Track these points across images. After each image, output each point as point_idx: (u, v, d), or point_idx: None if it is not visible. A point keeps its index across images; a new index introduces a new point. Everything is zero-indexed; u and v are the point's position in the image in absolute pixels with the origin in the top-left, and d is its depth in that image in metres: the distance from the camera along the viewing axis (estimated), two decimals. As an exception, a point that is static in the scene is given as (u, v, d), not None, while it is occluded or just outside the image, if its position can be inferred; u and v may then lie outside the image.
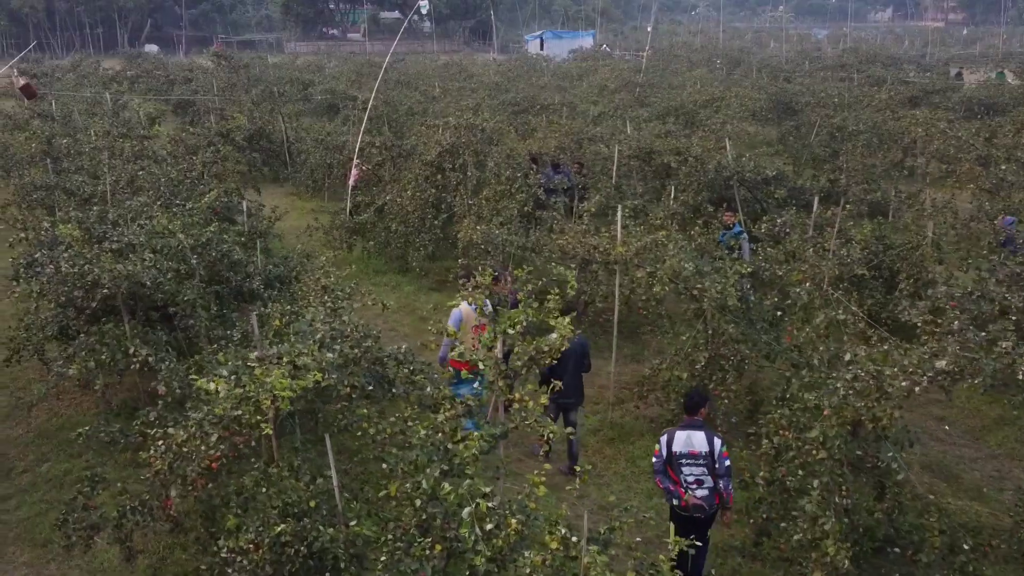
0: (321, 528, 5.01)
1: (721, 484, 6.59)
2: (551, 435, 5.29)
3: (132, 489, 6.76)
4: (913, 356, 5.94)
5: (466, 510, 4.74)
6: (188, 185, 10.94)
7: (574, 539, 4.41)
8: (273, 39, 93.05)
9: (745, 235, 12.26)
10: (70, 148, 16.03)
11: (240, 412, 5.10)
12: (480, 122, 14.28)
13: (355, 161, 18.57)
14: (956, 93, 27.29)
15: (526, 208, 12.51)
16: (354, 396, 6.17)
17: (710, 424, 7.35)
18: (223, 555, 5.38)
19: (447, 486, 4.94)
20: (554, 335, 5.17)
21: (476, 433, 5.02)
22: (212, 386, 5.38)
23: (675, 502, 6.56)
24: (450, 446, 5.20)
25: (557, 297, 5.52)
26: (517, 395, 5.20)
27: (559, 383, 5.82)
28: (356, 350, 5.98)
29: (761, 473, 6.81)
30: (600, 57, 50.45)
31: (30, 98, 19.56)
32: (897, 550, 6.41)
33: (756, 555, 7.30)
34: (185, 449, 5.66)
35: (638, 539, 5.25)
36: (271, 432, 5.52)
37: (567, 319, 5.30)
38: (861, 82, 31.55)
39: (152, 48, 79.47)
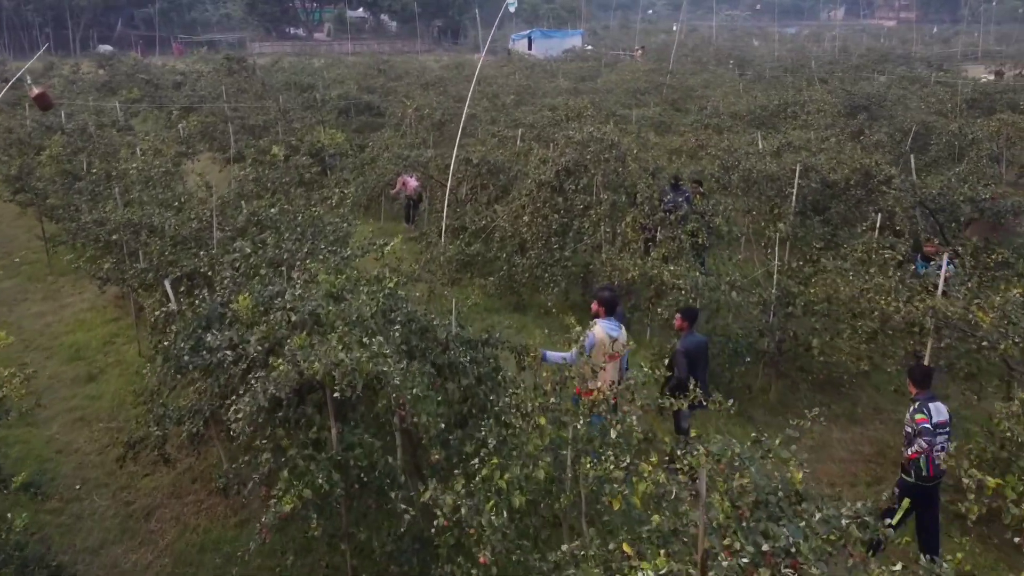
0: None
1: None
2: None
3: None
4: None
5: None
6: (335, 224, 8.77)
7: None
8: (235, 39, 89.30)
9: (952, 268, 10.59)
10: (105, 169, 13.72)
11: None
12: (610, 135, 12.36)
13: (402, 177, 16.60)
14: (1017, 95, 26.13)
15: (699, 240, 10.63)
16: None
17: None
18: None
19: None
20: None
21: None
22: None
23: (924, 472, 6.63)
24: None
25: None
26: None
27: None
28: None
29: None
30: (597, 57, 48.79)
31: (45, 109, 16.97)
32: None
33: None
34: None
35: None
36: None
37: None
38: (894, 83, 30.30)
39: (106, 49, 75.21)
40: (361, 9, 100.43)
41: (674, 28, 47.74)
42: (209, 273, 8.83)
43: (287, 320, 6.57)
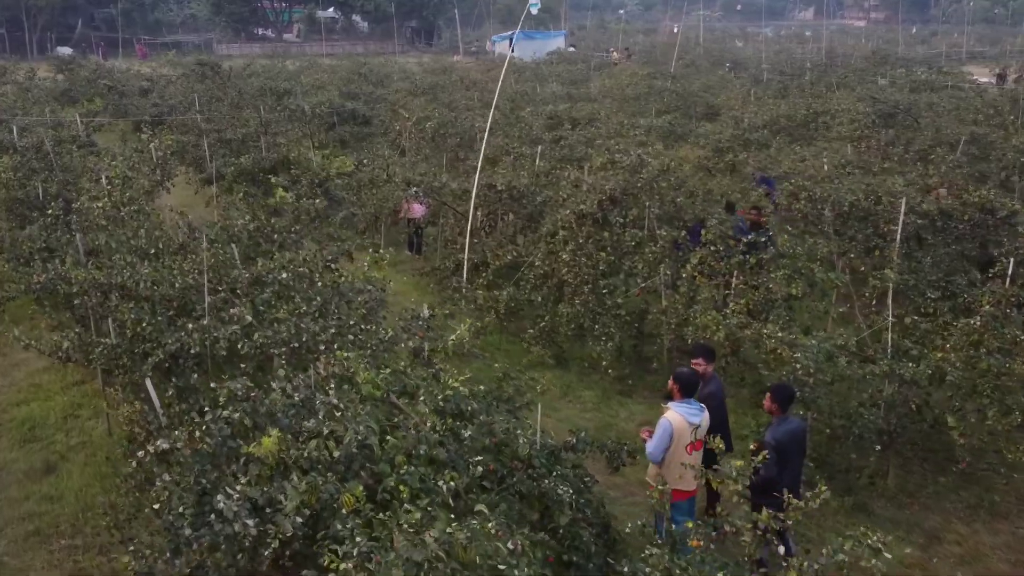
0: None
1: None
2: None
3: None
4: None
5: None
6: (365, 291, 6.76)
7: None
8: (201, 40, 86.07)
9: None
10: (64, 196, 11.68)
11: None
12: (663, 160, 10.55)
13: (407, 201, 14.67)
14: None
15: (793, 291, 8.81)
16: None
17: None
18: None
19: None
20: None
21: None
22: None
23: None
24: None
25: None
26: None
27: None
28: None
29: None
30: (584, 60, 47.05)
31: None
32: None
33: None
34: None
35: None
36: None
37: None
38: (909, 87, 28.85)
39: (66, 51, 71.76)
40: (332, 9, 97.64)
41: (675, 30, 45.94)
42: (199, 352, 6.89)
43: (327, 456, 4.66)
